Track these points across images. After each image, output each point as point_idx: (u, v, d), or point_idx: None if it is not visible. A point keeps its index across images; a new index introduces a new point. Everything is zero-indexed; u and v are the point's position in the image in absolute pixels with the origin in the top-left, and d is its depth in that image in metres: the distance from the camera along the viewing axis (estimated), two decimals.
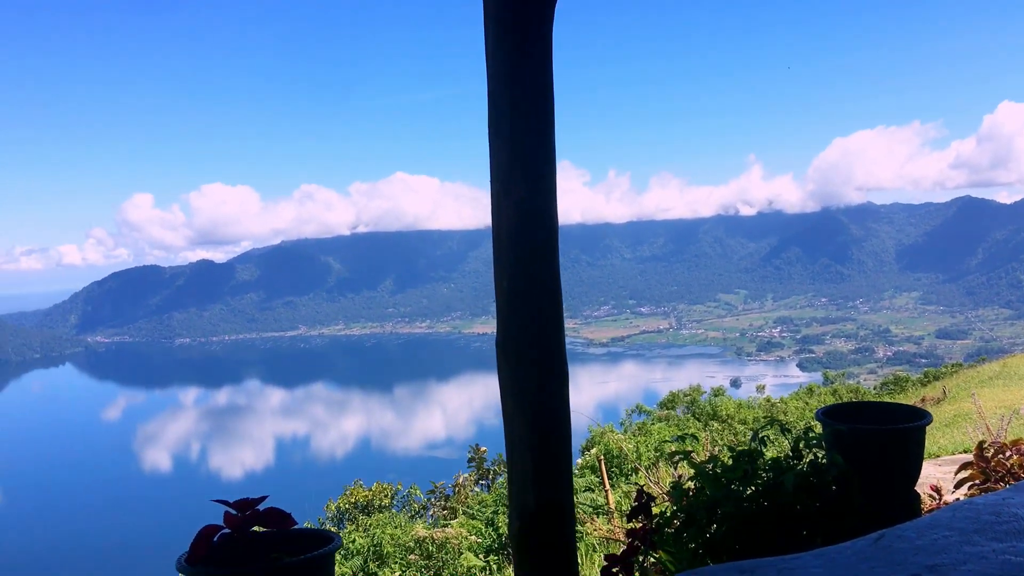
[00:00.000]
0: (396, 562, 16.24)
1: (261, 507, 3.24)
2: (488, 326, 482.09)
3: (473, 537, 17.45)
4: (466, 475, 34.15)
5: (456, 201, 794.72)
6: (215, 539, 3.17)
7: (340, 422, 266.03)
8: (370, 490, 30.93)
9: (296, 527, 3.29)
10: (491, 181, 3.62)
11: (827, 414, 5.53)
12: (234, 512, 3.25)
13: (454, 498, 31.48)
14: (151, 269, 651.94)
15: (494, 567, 16.10)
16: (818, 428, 5.52)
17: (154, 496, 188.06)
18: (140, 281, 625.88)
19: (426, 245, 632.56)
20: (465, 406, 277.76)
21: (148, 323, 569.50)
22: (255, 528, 3.20)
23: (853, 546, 3.24)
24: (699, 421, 33.04)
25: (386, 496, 30.82)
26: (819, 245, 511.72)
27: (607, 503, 15.64)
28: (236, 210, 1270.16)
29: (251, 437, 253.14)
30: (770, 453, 6.34)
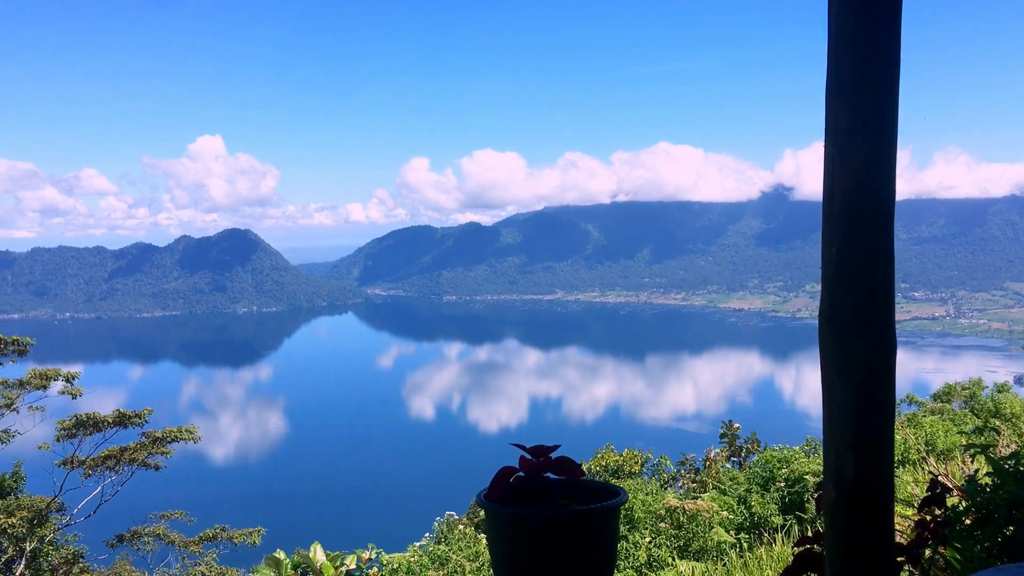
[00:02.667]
0: (646, 528, 16.35)
1: (553, 455, 3.37)
2: (745, 302, 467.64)
3: (725, 513, 17.20)
4: (717, 450, 33.62)
5: (719, 173, 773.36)
6: (511, 480, 3.35)
7: (591, 387, 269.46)
8: (620, 455, 31.31)
9: (584, 478, 3.41)
10: (825, 144, 3.37)
11: None
12: (529, 457, 3.39)
13: (704, 472, 31.15)
14: (425, 229, 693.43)
15: (745, 545, 15.77)
16: None
17: (418, 441, 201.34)
18: (415, 240, 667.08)
19: (686, 216, 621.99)
20: (717, 381, 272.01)
21: (420, 279, 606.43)
22: (547, 474, 3.36)
23: None
24: (978, 418, 30.29)
25: (636, 463, 31.06)
26: None
27: None
28: (504, 176, 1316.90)
29: (507, 394, 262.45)
30: None
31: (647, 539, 15.59)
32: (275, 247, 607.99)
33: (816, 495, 3.59)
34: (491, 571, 13.29)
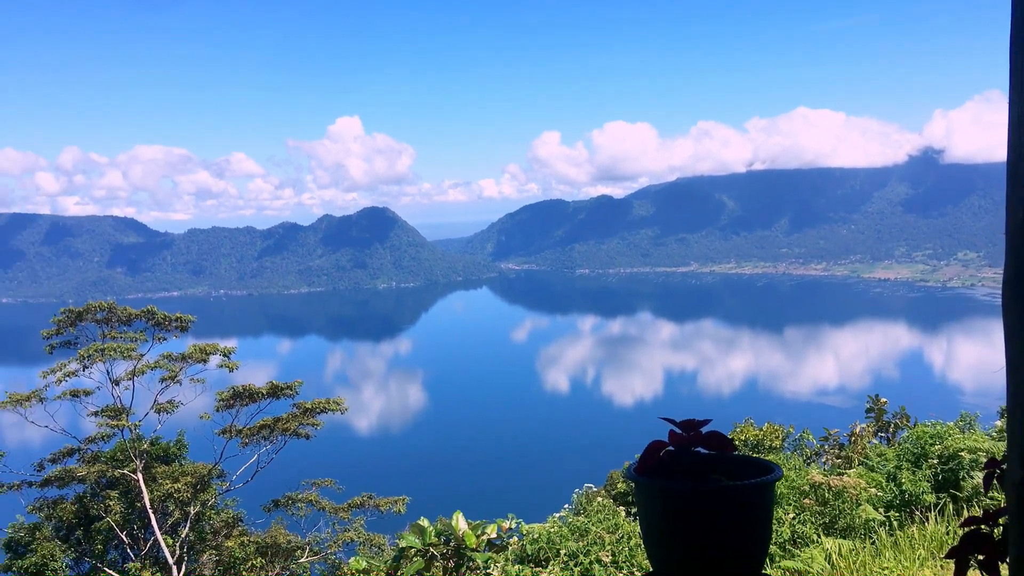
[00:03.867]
0: (790, 504, 16.02)
1: (704, 430, 3.36)
2: (891, 271, 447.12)
3: (873, 490, 16.65)
4: (863, 425, 32.46)
5: (863, 137, 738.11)
6: (661, 454, 3.32)
7: (727, 360, 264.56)
8: (760, 430, 30.69)
9: (736, 453, 3.40)
10: (1010, 105, 3.10)
11: None
12: (679, 431, 3.38)
13: (849, 448, 30.16)
14: (556, 203, 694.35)
15: (894, 523, 15.26)
16: None
17: (553, 413, 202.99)
18: (547, 214, 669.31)
19: (826, 183, 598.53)
20: (860, 354, 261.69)
21: (552, 253, 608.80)
22: (697, 448, 3.34)
23: None
24: None
25: (777, 437, 30.40)
26: None
27: None
28: (635, 147, 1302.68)
29: (641, 367, 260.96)
30: None
31: (791, 515, 15.28)
32: (412, 224, 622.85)
33: (987, 473, 3.53)
34: (630, 544, 13.36)
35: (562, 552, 12.29)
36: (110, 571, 25.00)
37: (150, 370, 25.43)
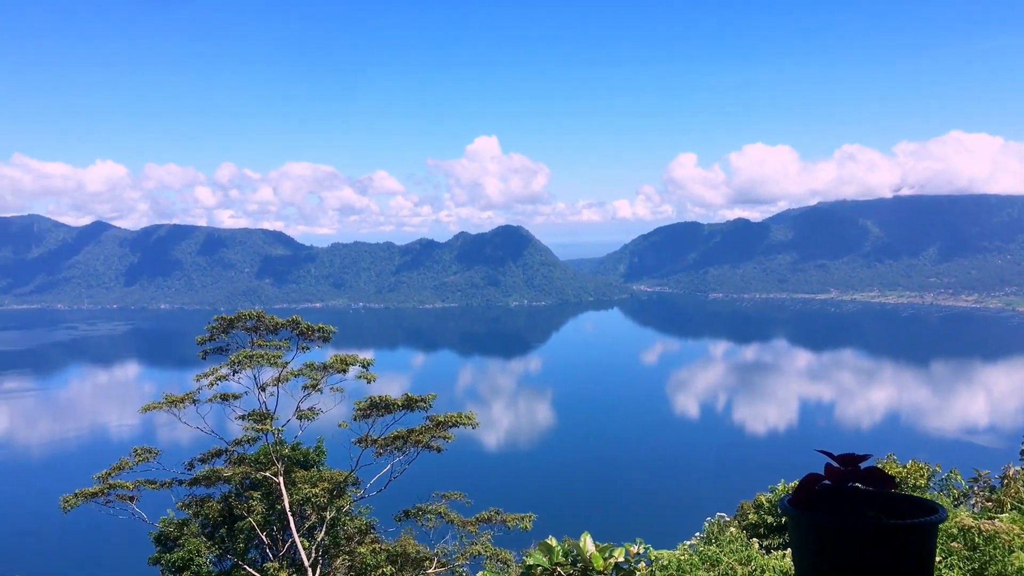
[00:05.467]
0: (937, 547, 15.23)
1: (862, 465, 3.26)
2: None
3: None
4: (1018, 468, 30.48)
5: (1022, 163, 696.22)
6: (816, 487, 3.25)
7: (868, 392, 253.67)
8: (904, 467, 29.25)
9: (896, 491, 3.28)
10: None
11: None
12: (837, 465, 3.29)
13: (1001, 491, 28.37)
14: (691, 225, 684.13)
15: None
16: None
17: (683, 438, 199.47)
18: (681, 236, 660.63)
19: (980, 210, 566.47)
20: (1015, 392, 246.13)
21: (685, 276, 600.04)
22: (854, 483, 3.24)
23: None
24: None
25: (921, 476, 28.88)
26: None
27: None
28: (775, 170, 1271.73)
29: (775, 396, 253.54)
30: None
31: (937, 559, 14.54)
32: (545, 243, 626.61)
33: None
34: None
35: None
36: (250, 569, 26.15)
37: (294, 377, 26.50)
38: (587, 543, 14.81)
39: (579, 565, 14.98)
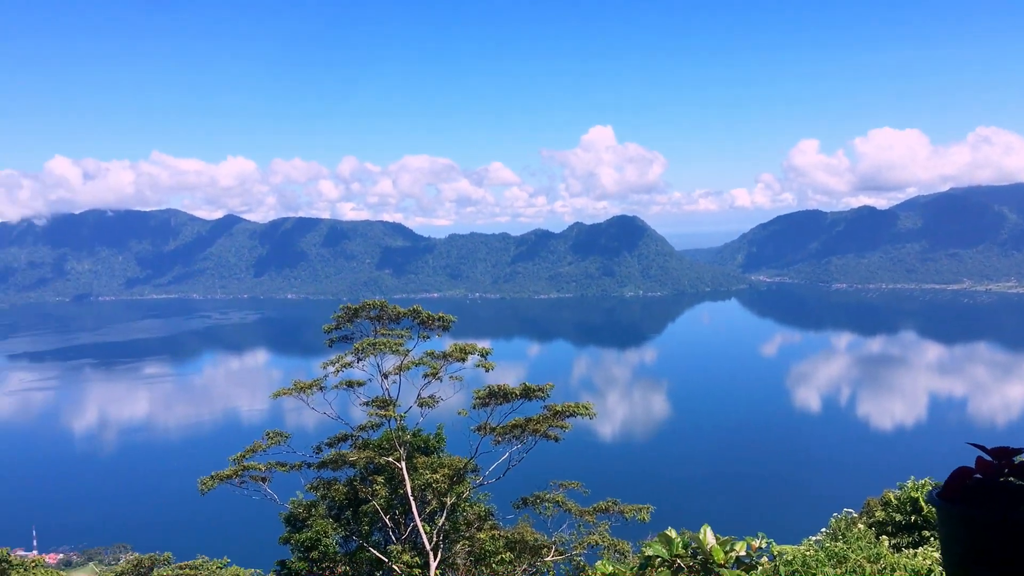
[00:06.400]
0: None
1: (1017, 459, 3.22)
2: None
3: None
4: None
5: None
6: (967, 482, 3.23)
7: (1005, 387, 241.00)
8: None
9: None
10: None
11: None
12: (989, 459, 3.26)
13: None
14: (813, 214, 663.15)
15: None
16: None
17: (804, 432, 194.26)
18: (801, 225, 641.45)
19: None
20: None
21: (807, 266, 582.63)
22: (1008, 478, 3.19)
23: None
24: None
25: None
26: None
27: None
28: (903, 155, 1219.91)
29: (902, 390, 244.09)
30: None
31: None
32: (661, 233, 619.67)
33: None
34: (894, 574, 12.65)
35: None
36: (375, 551, 27.00)
37: (415, 366, 27.11)
38: (707, 535, 14.68)
39: (699, 558, 14.87)
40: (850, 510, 23.27)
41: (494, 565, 26.97)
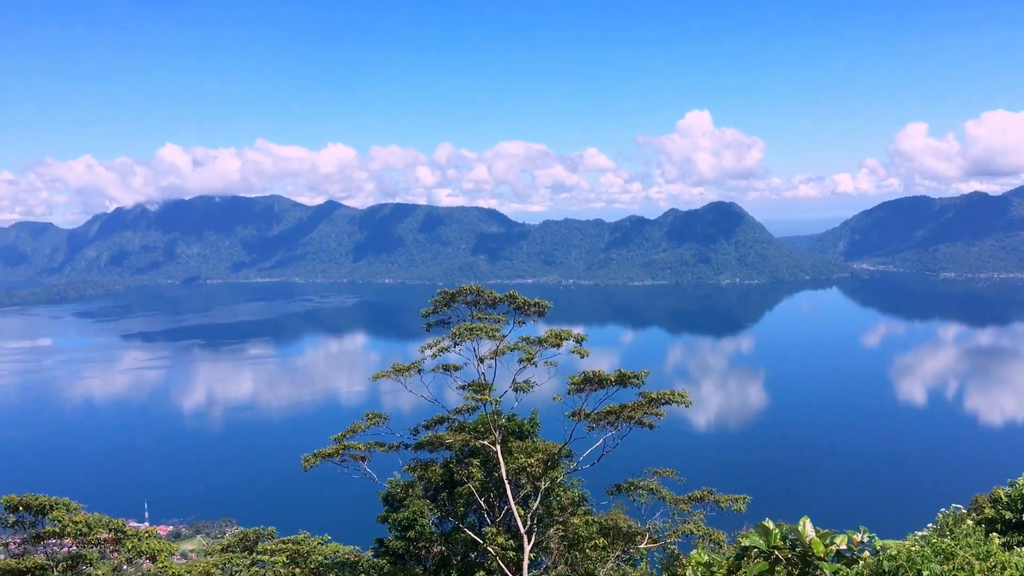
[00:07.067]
0: None
1: None
2: None
3: None
4: None
5: None
6: None
7: None
8: None
9: None
10: None
11: None
12: None
13: None
14: (920, 200, 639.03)
15: None
16: None
17: (908, 425, 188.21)
18: (907, 212, 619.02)
19: None
20: None
21: (913, 254, 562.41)
22: None
23: None
24: None
25: None
26: None
27: None
28: (1018, 139, 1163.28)
29: (1013, 384, 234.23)
30: None
31: None
32: (759, 220, 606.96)
33: None
34: (1004, 573, 12.20)
35: (924, 574, 11.53)
36: (470, 532, 27.43)
37: (510, 351, 27.30)
38: (807, 527, 14.42)
39: (798, 550, 14.62)
40: (959, 506, 22.47)
41: (587, 550, 27.08)
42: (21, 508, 24.09)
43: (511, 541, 25.56)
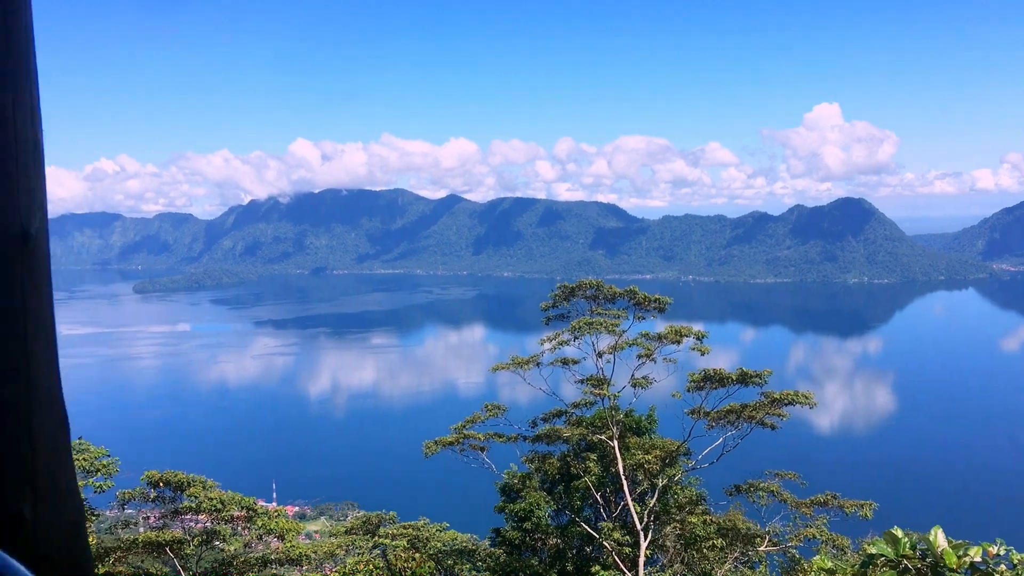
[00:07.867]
0: None
1: None
2: None
3: None
4: None
5: None
6: None
7: None
8: None
9: None
10: None
11: None
12: None
13: None
14: None
15: None
16: None
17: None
18: None
19: None
20: None
21: None
22: None
23: None
24: None
25: None
26: None
27: None
28: None
29: None
30: None
31: None
32: (890, 216, 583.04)
33: None
34: None
35: None
36: (585, 526, 27.54)
37: (628, 347, 27.20)
38: (938, 537, 13.91)
39: (928, 560, 14.13)
40: None
41: (704, 550, 26.78)
42: (161, 484, 25.62)
43: (627, 537, 25.53)
